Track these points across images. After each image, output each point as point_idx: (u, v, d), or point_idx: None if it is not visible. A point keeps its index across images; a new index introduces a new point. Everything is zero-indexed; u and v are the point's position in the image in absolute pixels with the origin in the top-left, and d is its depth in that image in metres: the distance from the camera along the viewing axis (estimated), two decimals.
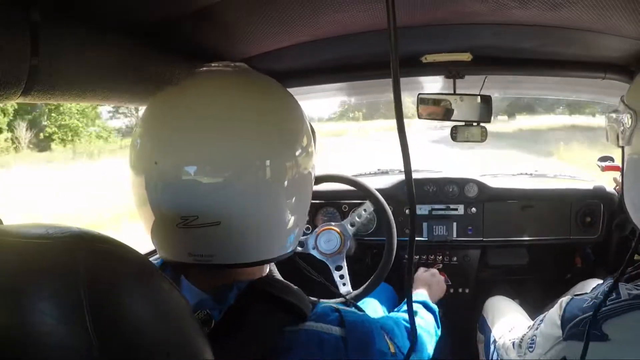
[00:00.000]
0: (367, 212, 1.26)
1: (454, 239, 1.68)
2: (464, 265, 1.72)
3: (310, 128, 0.67)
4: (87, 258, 0.33)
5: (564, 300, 0.76)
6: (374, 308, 1.32)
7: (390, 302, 1.46)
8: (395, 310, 1.09)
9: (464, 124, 1.32)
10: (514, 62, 1.24)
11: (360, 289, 1.20)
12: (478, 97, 1.29)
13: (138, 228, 0.65)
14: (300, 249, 1.23)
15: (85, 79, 0.67)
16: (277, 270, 1.17)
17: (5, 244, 0.33)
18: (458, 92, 1.28)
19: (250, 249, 0.61)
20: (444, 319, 1.09)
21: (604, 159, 1.54)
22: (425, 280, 1.29)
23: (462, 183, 1.68)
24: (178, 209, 0.57)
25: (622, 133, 0.68)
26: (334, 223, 1.26)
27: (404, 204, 1.62)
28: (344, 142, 13.98)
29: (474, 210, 1.67)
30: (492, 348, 1.20)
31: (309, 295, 0.65)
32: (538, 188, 1.74)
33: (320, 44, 1.03)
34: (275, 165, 0.59)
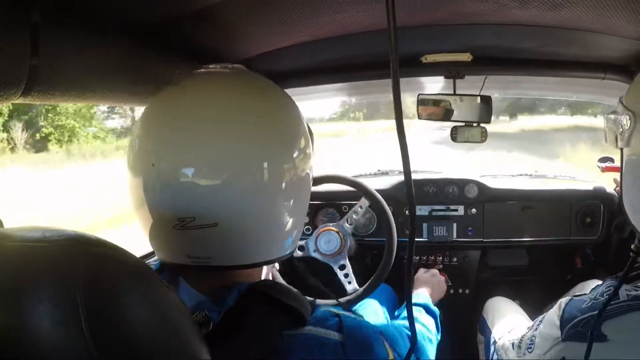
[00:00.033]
0: (362, 208, 1.26)
1: (454, 240, 1.68)
2: (464, 266, 1.72)
3: (308, 129, 0.67)
4: (83, 261, 0.33)
5: (563, 301, 0.76)
6: (374, 309, 1.32)
7: (390, 302, 1.46)
8: (397, 313, 1.09)
9: (464, 125, 1.32)
10: (514, 62, 1.24)
11: (360, 290, 1.20)
12: (478, 97, 1.29)
13: (136, 229, 0.65)
14: (301, 253, 1.23)
15: (85, 80, 0.67)
16: (279, 276, 1.17)
17: (2, 247, 0.33)
18: (458, 92, 1.28)
19: (249, 251, 0.61)
20: (444, 320, 1.09)
21: (604, 160, 1.54)
22: (426, 281, 1.29)
23: (462, 184, 1.68)
24: (175, 211, 0.56)
25: (620, 135, 0.68)
26: (332, 223, 1.26)
27: (404, 205, 1.62)
28: (344, 142, 13.96)
29: (474, 211, 1.67)
30: (492, 349, 1.19)
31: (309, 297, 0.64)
32: (538, 189, 1.74)
33: (321, 44, 1.03)
34: (273, 167, 0.59)
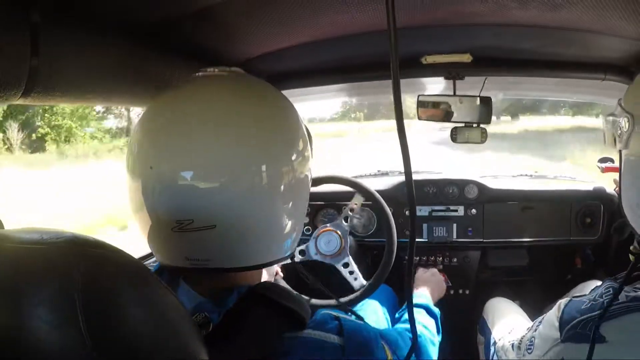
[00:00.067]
0: (357, 205, 1.26)
1: (454, 240, 1.68)
2: (464, 267, 1.72)
3: (307, 132, 0.67)
4: (81, 263, 0.33)
5: (562, 302, 0.77)
6: (374, 309, 1.32)
7: (390, 303, 1.46)
8: (398, 315, 1.09)
9: (464, 126, 1.32)
10: (514, 63, 1.24)
11: (361, 291, 1.20)
12: (478, 98, 1.29)
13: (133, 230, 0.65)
14: (303, 258, 1.23)
15: (86, 80, 0.67)
16: (282, 280, 1.17)
17: (1, 249, 0.33)
18: (458, 93, 1.28)
19: (247, 253, 0.61)
20: (444, 321, 1.09)
21: (604, 160, 1.54)
22: (426, 280, 1.29)
23: (462, 184, 1.68)
24: (173, 213, 0.56)
25: (619, 137, 0.68)
26: (329, 224, 1.26)
27: (404, 205, 1.62)
28: (345, 142, 13.95)
29: (474, 212, 1.67)
30: (492, 349, 1.19)
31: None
32: (538, 189, 1.74)
33: (321, 45, 1.03)
34: (272, 170, 0.59)
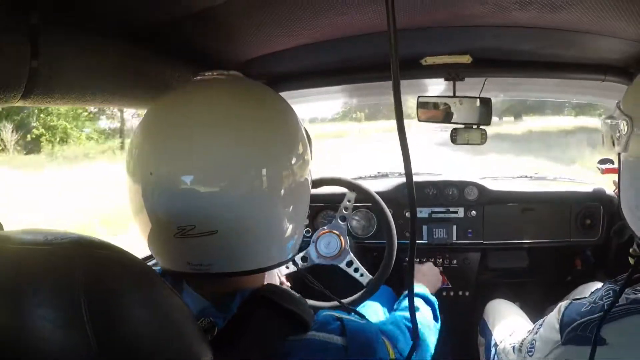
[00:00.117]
0: (351, 202, 1.26)
1: (454, 242, 1.68)
2: (464, 268, 1.72)
3: (306, 134, 0.67)
4: (85, 264, 0.33)
5: (563, 305, 0.77)
6: (375, 310, 1.32)
7: (391, 304, 1.45)
8: (396, 306, 1.09)
9: (464, 127, 1.32)
10: (514, 64, 1.24)
11: (361, 292, 1.20)
12: (477, 99, 1.30)
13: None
14: (306, 264, 1.23)
15: (85, 82, 0.67)
16: (285, 282, 1.16)
17: (5, 250, 0.33)
18: (458, 94, 1.28)
19: (249, 257, 0.61)
20: (444, 322, 1.09)
21: (604, 162, 1.53)
22: (422, 272, 1.30)
23: (462, 186, 1.68)
24: (175, 219, 0.56)
25: (618, 139, 0.68)
26: (327, 226, 1.26)
27: (404, 207, 1.62)
28: (346, 143, 13.90)
29: (474, 213, 1.67)
30: (493, 351, 1.19)
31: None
32: (538, 191, 1.74)
33: (321, 47, 1.03)
34: (272, 174, 0.59)
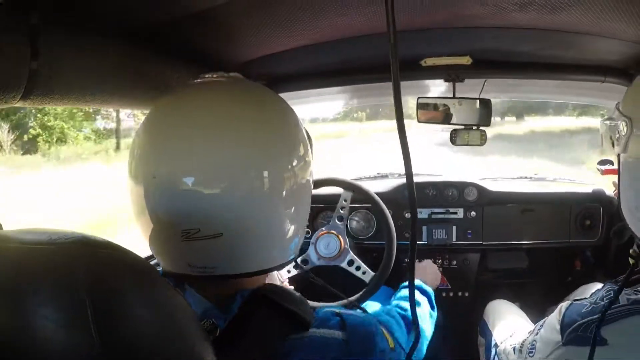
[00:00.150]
0: (347, 202, 1.26)
1: (454, 243, 1.68)
2: (464, 269, 1.72)
3: (307, 135, 0.68)
4: (89, 263, 0.33)
5: (564, 306, 0.77)
6: (375, 311, 1.32)
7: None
8: (394, 298, 1.09)
9: (464, 128, 1.32)
10: (514, 65, 1.24)
11: (361, 293, 1.20)
12: (477, 101, 1.30)
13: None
14: (307, 267, 1.23)
15: (85, 83, 0.67)
16: (286, 283, 1.16)
17: (8, 250, 0.33)
18: (458, 95, 1.28)
19: (253, 259, 0.61)
20: (444, 322, 1.09)
21: (604, 163, 1.53)
22: (421, 268, 1.30)
23: (461, 187, 1.68)
24: (176, 220, 0.56)
25: (617, 140, 0.68)
26: (325, 227, 1.27)
27: (404, 208, 1.62)
28: (347, 143, 13.87)
29: (474, 214, 1.67)
30: (493, 351, 1.19)
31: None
32: (538, 192, 1.75)
33: (320, 48, 1.03)
34: (273, 176, 0.59)
